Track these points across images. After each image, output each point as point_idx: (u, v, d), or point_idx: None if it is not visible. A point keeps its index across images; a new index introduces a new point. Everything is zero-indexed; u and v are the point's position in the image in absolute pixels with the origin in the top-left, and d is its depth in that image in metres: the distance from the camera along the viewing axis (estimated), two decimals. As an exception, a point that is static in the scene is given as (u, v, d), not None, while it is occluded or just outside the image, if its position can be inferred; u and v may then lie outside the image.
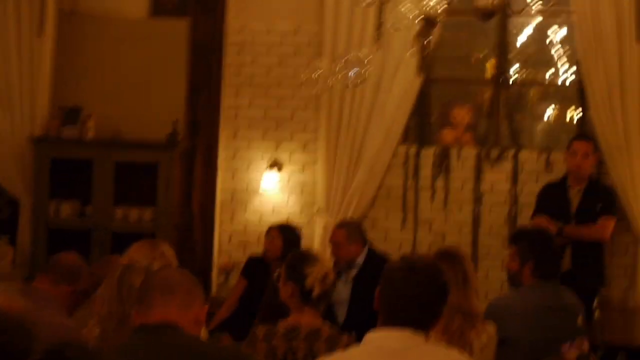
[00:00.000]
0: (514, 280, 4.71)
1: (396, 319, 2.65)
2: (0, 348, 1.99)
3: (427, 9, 4.79)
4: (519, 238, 4.97)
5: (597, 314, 5.54)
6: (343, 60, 5.07)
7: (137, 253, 3.44)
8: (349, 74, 5.08)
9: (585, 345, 4.06)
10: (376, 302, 2.70)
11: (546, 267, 4.57)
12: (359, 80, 5.21)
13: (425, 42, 5.26)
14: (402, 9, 4.86)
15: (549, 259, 4.71)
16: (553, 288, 4.58)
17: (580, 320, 4.41)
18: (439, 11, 4.82)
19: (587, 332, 4.32)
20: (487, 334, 3.78)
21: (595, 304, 5.55)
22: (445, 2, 4.63)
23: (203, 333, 2.99)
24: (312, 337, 3.31)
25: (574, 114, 6.95)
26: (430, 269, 2.84)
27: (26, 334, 2.05)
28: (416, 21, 4.82)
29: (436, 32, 6.03)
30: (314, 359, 3.05)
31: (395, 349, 2.64)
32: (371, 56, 5.45)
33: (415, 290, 2.68)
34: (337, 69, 5.01)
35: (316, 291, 3.29)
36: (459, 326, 3.75)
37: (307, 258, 3.54)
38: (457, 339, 3.64)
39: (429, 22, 4.78)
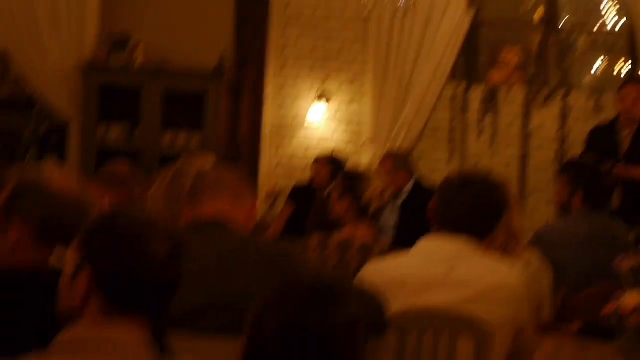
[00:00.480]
0: (563, 210, 4.77)
1: (450, 225, 2.72)
2: (57, 221, 2.11)
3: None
4: (569, 168, 5.02)
5: (645, 249, 5.42)
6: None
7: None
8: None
9: (639, 259, 3.99)
10: (430, 212, 2.76)
11: (596, 196, 4.54)
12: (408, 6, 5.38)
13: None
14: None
15: (599, 188, 4.67)
16: (603, 217, 4.54)
17: (631, 238, 4.46)
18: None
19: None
20: (530, 253, 3.69)
21: (644, 242, 5.50)
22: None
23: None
24: (365, 250, 3.32)
25: (623, 65, 6.93)
26: (488, 184, 2.89)
27: (81, 210, 2.13)
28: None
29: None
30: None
31: (446, 257, 2.70)
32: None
33: (471, 200, 2.75)
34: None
35: (374, 206, 3.38)
36: (502, 242, 3.62)
37: (363, 175, 3.61)
38: (500, 254, 3.52)
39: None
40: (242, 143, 6.28)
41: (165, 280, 1.75)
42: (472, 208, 2.82)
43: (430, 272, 2.77)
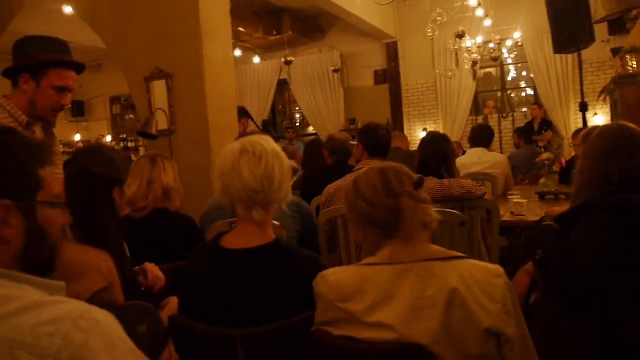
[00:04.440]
0: (516, 145, 8.04)
1: (477, 144, 5.37)
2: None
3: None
4: (518, 130, 8.26)
5: None
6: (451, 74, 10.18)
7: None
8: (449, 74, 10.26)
9: (548, 155, 5.65)
10: (469, 140, 5.61)
11: (528, 139, 7.55)
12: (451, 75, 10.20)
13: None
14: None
15: (530, 136, 7.82)
16: (532, 146, 7.39)
17: (542, 151, 6.09)
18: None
19: None
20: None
21: None
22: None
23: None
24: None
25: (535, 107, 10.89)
26: (487, 128, 5.57)
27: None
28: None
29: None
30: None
31: (477, 154, 5.34)
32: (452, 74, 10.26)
33: (482, 133, 5.44)
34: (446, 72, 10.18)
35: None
36: (492, 149, 5.65)
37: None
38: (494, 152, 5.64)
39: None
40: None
41: (386, 144, 3.65)
42: (483, 136, 5.31)
43: (473, 159, 5.27)
